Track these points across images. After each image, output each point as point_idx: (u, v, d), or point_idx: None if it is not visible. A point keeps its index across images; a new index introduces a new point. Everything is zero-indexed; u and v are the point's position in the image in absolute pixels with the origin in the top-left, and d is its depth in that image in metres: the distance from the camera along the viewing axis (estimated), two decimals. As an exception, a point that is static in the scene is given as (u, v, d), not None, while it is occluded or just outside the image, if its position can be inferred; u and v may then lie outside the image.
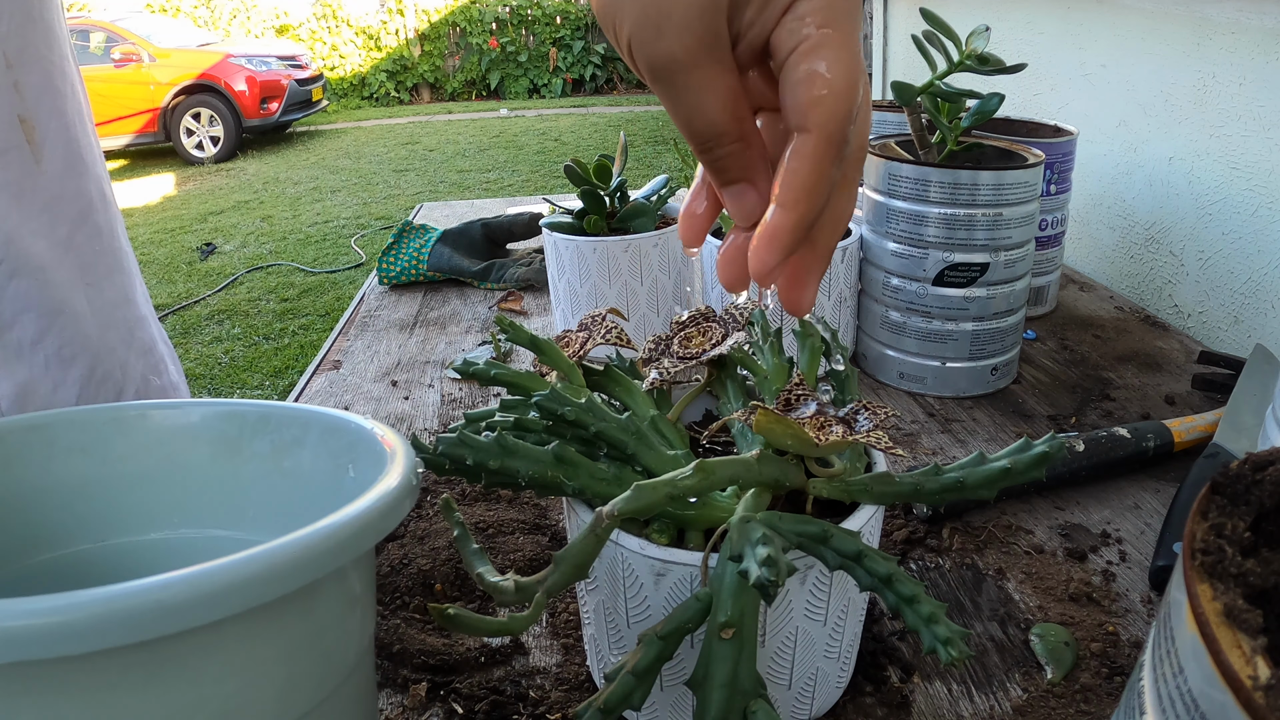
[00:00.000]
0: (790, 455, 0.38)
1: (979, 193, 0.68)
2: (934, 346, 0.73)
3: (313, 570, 0.25)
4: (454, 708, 0.44)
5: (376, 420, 0.37)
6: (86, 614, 0.21)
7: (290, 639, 0.27)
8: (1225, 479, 0.22)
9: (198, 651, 0.24)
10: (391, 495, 0.29)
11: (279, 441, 0.39)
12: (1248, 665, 0.17)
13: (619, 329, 0.48)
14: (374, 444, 0.35)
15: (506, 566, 0.54)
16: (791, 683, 0.39)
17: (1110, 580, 0.52)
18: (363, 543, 0.27)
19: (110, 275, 0.62)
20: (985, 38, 0.67)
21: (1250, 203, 0.84)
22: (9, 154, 0.53)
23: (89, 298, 0.59)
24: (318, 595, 0.27)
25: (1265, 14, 0.80)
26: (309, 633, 0.27)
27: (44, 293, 0.56)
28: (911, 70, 1.67)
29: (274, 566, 0.24)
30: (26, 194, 0.54)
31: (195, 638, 0.24)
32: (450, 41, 9.96)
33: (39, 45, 0.55)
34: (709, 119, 0.29)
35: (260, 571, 0.23)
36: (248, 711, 0.26)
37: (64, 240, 0.57)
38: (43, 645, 0.21)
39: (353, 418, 0.38)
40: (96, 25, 7.01)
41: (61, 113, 0.58)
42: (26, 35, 0.54)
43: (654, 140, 6.62)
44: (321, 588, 0.28)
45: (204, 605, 0.23)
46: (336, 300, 3.60)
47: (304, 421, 0.39)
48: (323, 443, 0.38)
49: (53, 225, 0.57)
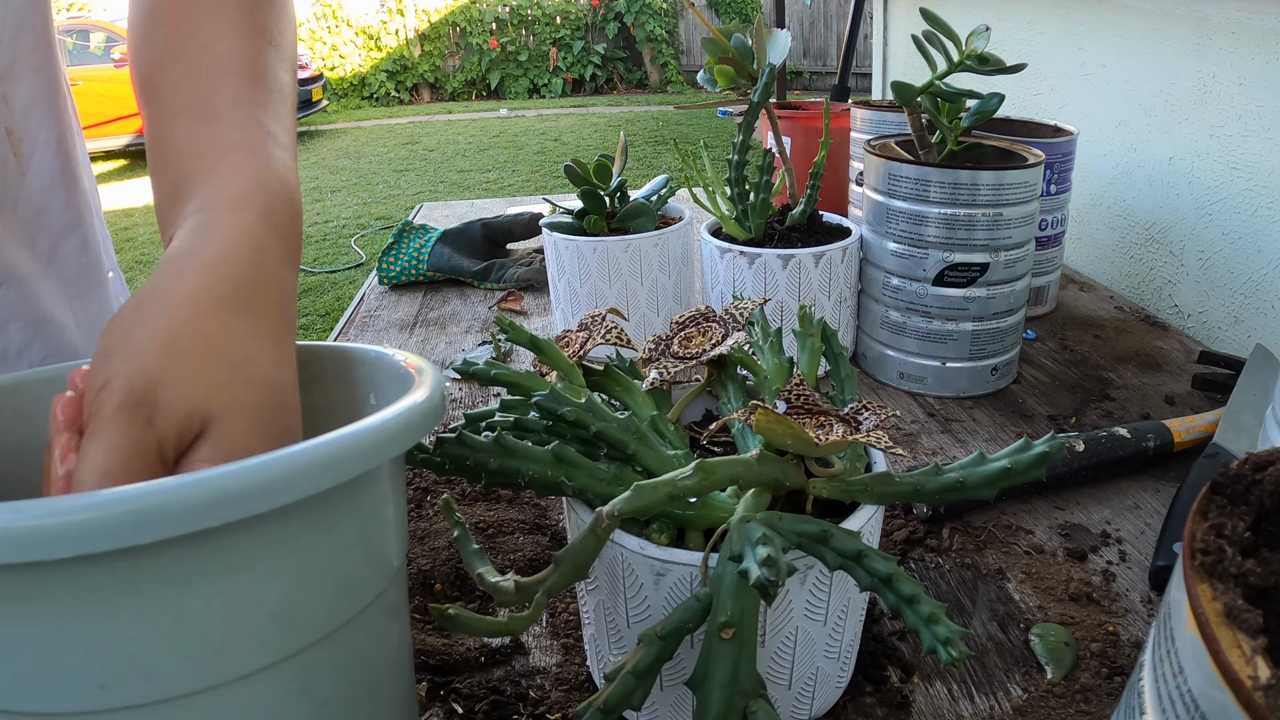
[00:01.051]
0: (790, 455, 0.38)
1: (979, 193, 0.68)
2: (934, 346, 0.73)
3: (360, 463, 0.26)
4: (454, 708, 0.44)
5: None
6: (155, 502, 0.22)
7: (338, 538, 0.27)
8: (1225, 479, 0.22)
9: (253, 548, 0.25)
10: (423, 404, 0.29)
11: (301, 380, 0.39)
12: (1248, 665, 0.17)
13: (619, 329, 0.48)
14: (395, 369, 0.35)
15: (506, 566, 0.54)
16: (791, 683, 0.39)
17: (1110, 580, 0.52)
18: (401, 442, 0.28)
19: (94, 289, 0.62)
20: (985, 38, 0.67)
21: (1250, 203, 0.84)
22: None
23: (74, 310, 0.59)
24: (363, 493, 0.28)
25: (1265, 14, 0.80)
26: (355, 533, 0.28)
27: (30, 303, 0.55)
28: (911, 70, 1.67)
29: (325, 458, 0.25)
30: (9, 206, 0.54)
31: (251, 533, 0.24)
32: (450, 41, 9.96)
33: (31, 58, 0.55)
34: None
35: (315, 461, 0.24)
36: (299, 611, 0.26)
37: (46, 254, 0.57)
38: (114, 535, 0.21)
39: (372, 348, 0.38)
40: (96, 25, 7.01)
41: (48, 125, 0.57)
42: (18, 48, 0.54)
43: (654, 140, 6.62)
44: (366, 485, 0.28)
45: (261, 493, 0.23)
46: (336, 300, 3.60)
47: (321, 358, 0.39)
48: (340, 376, 0.38)
49: (35, 239, 0.56)
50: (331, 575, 0.27)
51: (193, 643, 0.24)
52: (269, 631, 0.26)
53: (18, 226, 0.55)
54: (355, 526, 0.28)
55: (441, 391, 0.31)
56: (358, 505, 0.28)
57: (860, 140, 0.99)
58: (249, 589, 0.25)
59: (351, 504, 0.28)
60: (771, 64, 0.73)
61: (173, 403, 0.29)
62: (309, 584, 0.27)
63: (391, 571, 0.31)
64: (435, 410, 0.30)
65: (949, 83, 0.70)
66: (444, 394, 0.32)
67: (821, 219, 0.79)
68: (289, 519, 0.25)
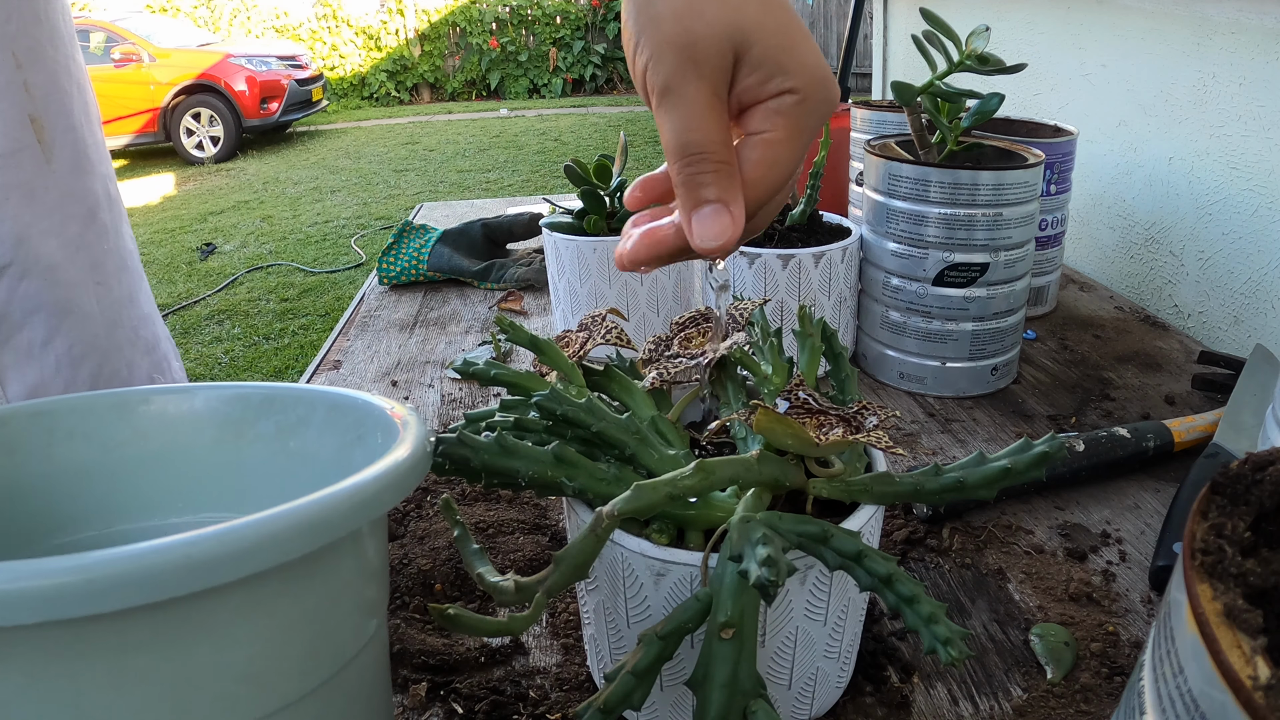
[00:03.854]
0: (790, 455, 0.38)
1: (979, 193, 0.68)
2: (934, 346, 0.73)
3: (334, 529, 0.25)
4: (454, 708, 0.44)
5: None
6: (116, 570, 0.22)
7: (311, 603, 0.27)
8: (1225, 479, 0.22)
9: (222, 614, 0.24)
10: (405, 462, 0.29)
11: (284, 423, 0.39)
12: (1248, 665, 0.17)
13: (619, 329, 0.48)
14: (383, 419, 0.35)
15: (506, 566, 0.54)
16: (791, 683, 0.39)
17: (1110, 580, 0.52)
18: (380, 504, 0.27)
19: (118, 274, 0.62)
20: (985, 38, 0.67)
21: (1250, 203, 0.84)
22: (21, 154, 0.54)
23: (98, 296, 0.60)
24: (338, 557, 0.28)
25: (1265, 14, 0.80)
26: (329, 597, 0.28)
27: (53, 293, 0.56)
28: (911, 70, 1.67)
29: (298, 524, 0.24)
30: (38, 193, 0.55)
31: (220, 599, 0.24)
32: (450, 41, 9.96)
33: (46, 45, 0.56)
34: (706, 133, 0.33)
35: (285, 529, 0.24)
36: (270, 676, 0.26)
37: (75, 239, 0.58)
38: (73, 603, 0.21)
39: (360, 395, 0.38)
40: (96, 25, 7.01)
41: (68, 112, 0.58)
42: (34, 35, 0.54)
43: (654, 140, 6.61)
44: (341, 549, 0.28)
45: (231, 561, 0.23)
46: (336, 300, 3.60)
47: (310, 401, 0.39)
48: (329, 421, 0.38)
49: (64, 224, 0.57)
50: (303, 639, 0.27)
51: (157, 707, 0.24)
52: (238, 696, 0.25)
53: (46, 212, 0.55)
54: (329, 590, 0.28)
55: (425, 447, 0.31)
56: (332, 569, 0.28)
57: (860, 140, 0.98)
58: (217, 653, 0.25)
59: (326, 567, 0.27)
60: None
61: (707, 36, 0.32)
62: (280, 648, 0.26)
63: (367, 635, 0.30)
64: (418, 469, 0.30)
65: (949, 83, 0.70)
66: (427, 449, 0.31)
67: (821, 219, 0.79)
68: (262, 585, 0.25)
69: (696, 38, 0.32)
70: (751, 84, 0.33)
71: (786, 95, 0.33)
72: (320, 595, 0.27)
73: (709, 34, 0.32)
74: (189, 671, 0.24)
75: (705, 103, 0.32)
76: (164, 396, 0.40)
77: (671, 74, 0.32)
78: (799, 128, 0.34)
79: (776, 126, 0.33)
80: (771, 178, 0.34)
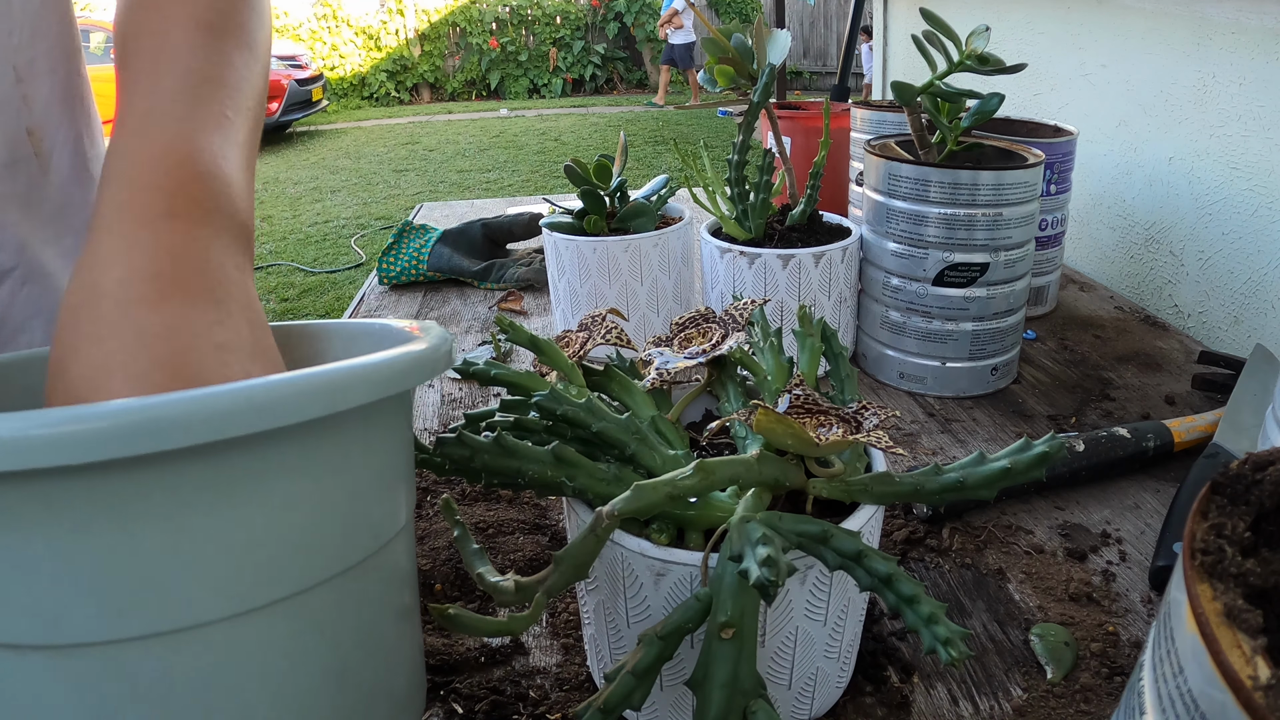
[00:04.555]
0: (790, 455, 0.38)
1: (979, 193, 0.68)
2: (934, 346, 0.73)
3: (372, 389, 0.26)
4: (454, 708, 0.44)
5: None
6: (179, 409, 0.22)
7: (350, 473, 0.28)
8: (1225, 479, 0.22)
9: (269, 472, 0.25)
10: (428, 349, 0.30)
11: (298, 358, 0.40)
12: (1248, 665, 0.17)
13: (619, 329, 0.48)
14: (402, 337, 0.36)
15: (506, 566, 0.54)
16: (791, 683, 0.39)
17: (1110, 580, 0.52)
18: (409, 377, 0.28)
19: None
20: (985, 38, 0.67)
21: (1250, 203, 0.84)
22: (18, 165, 0.54)
23: None
24: (373, 428, 0.29)
25: (1265, 14, 0.80)
26: (366, 470, 0.29)
27: (52, 299, 0.56)
28: (911, 70, 1.67)
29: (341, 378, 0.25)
30: (35, 204, 0.55)
31: (267, 454, 0.25)
32: (450, 41, 9.96)
33: (50, 58, 0.56)
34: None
35: (331, 381, 0.25)
36: (313, 545, 0.27)
37: (71, 250, 0.58)
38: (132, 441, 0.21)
39: (376, 322, 0.38)
40: (96, 25, 7.01)
41: (69, 125, 0.58)
42: (36, 48, 0.55)
43: (654, 140, 6.62)
44: (377, 418, 0.29)
45: (288, 405, 0.24)
46: (336, 300, 3.60)
47: (327, 335, 0.40)
48: (346, 351, 0.38)
49: (60, 234, 0.57)
50: (343, 510, 0.28)
51: (208, 569, 0.24)
52: (284, 562, 0.26)
53: (42, 224, 0.56)
54: (366, 464, 0.29)
55: (447, 343, 0.32)
56: (368, 440, 0.29)
57: (860, 140, 0.99)
58: (265, 514, 0.25)
59: (363, 436, 0.28)
60: (771, 64, 0.73)
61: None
62: (322, 516, 0.27)
63: (399, 523, 0.31)
64: (441, 354, 0.31)
65: (949, 83, 0.70)
66: (450, 346, 0.32)
67: (821, 219, 0.79)
68: (304, 440, 0.26)
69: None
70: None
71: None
72: (358, 468, 0.28)
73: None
74: (238, 532, 0.25)
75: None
76: None
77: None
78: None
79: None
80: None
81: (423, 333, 0.34)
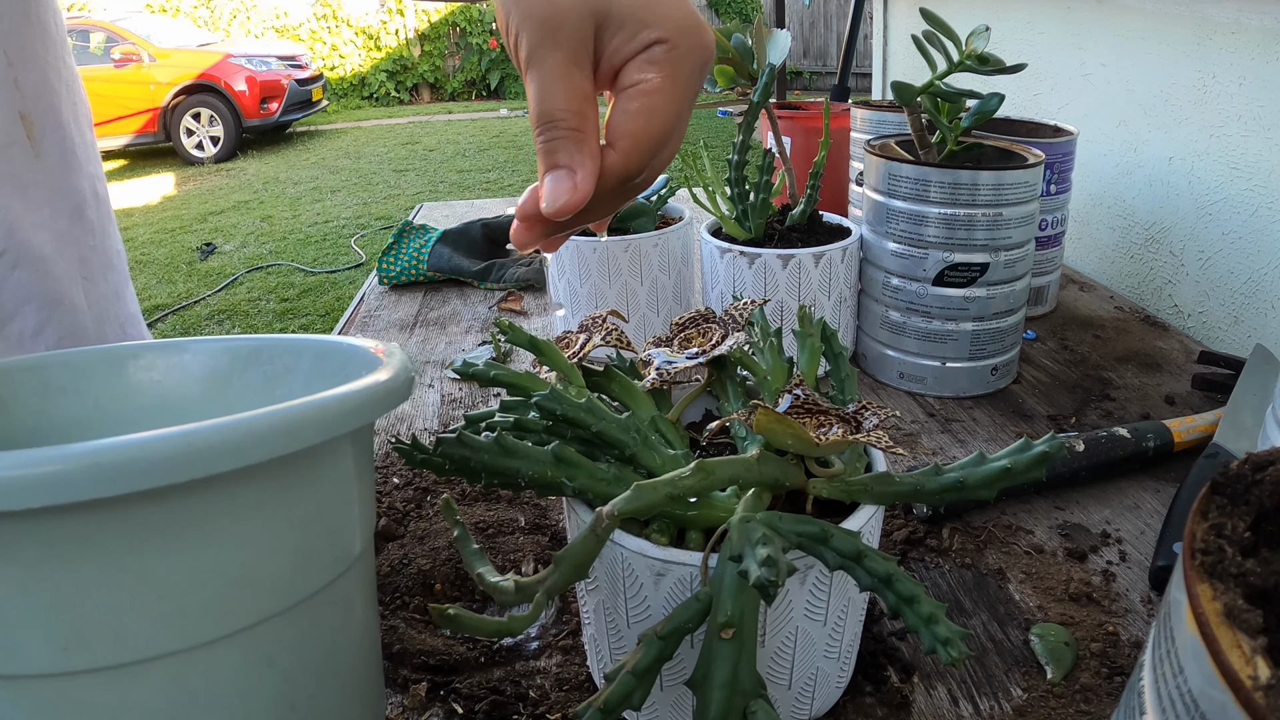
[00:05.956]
0: (790, 455, 0.38)
1: (979, 193, 0.68)
2: (934, 346, 0.73)
3: (322, 430, 0.27)
4: (454, 708, 0.44)
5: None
6: (122, 455, 0.22)
7: (300, 510, 0.28)
8: (1225, 479, 0.22)
9: (217, 512, 0.25)
10: (387, 381, 0.30)
11: (271, 372, 0.40)
12: (1248, 665, 0.17)
13: (619, 330, 0.48)
14: (368, 358, 0.36)
15: (506, 566, 0.54)
16: (791, 683, 0.39)
17: (1110, 580, 0.52)
18: (364, 413, 0.28)
19: (103, 271, 0.63)
20: (985, 38, 0.67)
21: (1250, 203, 0.84)
22: (12, 148, 0.54)
23: (85, 291, 0.60)
24: (323, 465, 0.29)
25: (1265, 14, 0.80)
26: (317, 507, 0.29)
27: (44, 284, 0.56)
28: (911, 70, 1.67)
29: (291, 421, 0.25)
30: (28, 187, 0.56)
31: (215, 495, 0.25)
32: (450, 41, 9.96)
33: (36, 45, 0.57)
34: (559, 101, 0.34)
35: (279, 424, 0.25)
36: (263, 580, 0.27)
37: (63, 233, 0.59)
38: (80, 487, 0.22)
39: (346, 340, 0.38)
40: (96, 25, 7.01)
41: (57, 110, 0.59)
42: (25, 34, 0.55)
43: (654, 140, 6.60)
44: (327, 456, 0.29)
45: (230, 451, 0.24)
46: (336, 300, 3.60)
47: (297, 350, 0.40)
48: (316, 368, 0.39)
49: (53, 218, 0.58)
50: (293, 547, 0.28)
51: (157, 605, 0.25)
52: (233, 597, 0.26)
53: (37, 206, 0.56)
54: (317, 500, 0.29)
55: (407, 373, 0.32)
56: (318, 477, 0.29)
57: (860, 140, 0.99)
58: (213, 553, 0.25)
59: (312, 474, 0.28)
60: (771, 64, 0.73)
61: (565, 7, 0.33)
62: (271, 553, 0.27)
63: (354, 554, 0.31)
64: (398, 389, 0.31)
65: (949, 83, 0.70)
66: (410, 375, 0.32)
67: (821, 219, 0.79)
68: (251, 482, 0.26)
69: (556, 9, 0.33)
70: (618, 44, 0.34)
71: (656, 46, 0.34)
72: (309, 503, 0.28)
73: (567, 5, 0.33)
74: (185, 571, 0.25)
75: (561, 72, 0.33)
76: (154, 352, 0.41)
77: (533, 46, 0.33)
78: (673, 75, 0.34)
79: (650, 76, 0.34)
80: (652, 127, 0.34)
81: (386, 358, 0.34)
